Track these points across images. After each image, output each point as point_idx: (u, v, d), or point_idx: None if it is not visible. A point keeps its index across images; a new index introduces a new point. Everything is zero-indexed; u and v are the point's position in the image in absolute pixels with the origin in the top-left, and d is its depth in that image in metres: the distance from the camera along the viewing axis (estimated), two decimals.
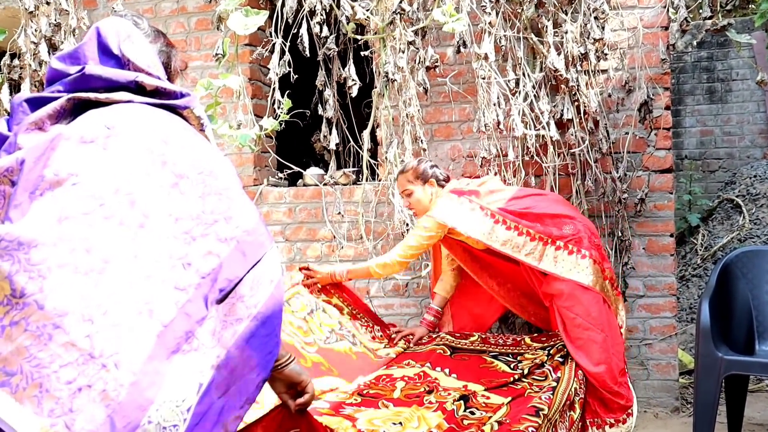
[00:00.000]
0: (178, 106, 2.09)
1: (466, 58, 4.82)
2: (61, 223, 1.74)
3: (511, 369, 3.90)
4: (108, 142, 1.87)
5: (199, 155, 1.98)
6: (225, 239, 1.91)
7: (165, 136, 1.94)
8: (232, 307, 1.89)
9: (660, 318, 4.73)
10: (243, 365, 1.89)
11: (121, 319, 1.73)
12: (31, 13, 5.18)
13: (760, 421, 4.48)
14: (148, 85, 2.05)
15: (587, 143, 4.58)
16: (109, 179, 1.82)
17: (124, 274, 1.76)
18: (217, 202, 1.93)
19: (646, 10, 4.69)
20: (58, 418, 1.64)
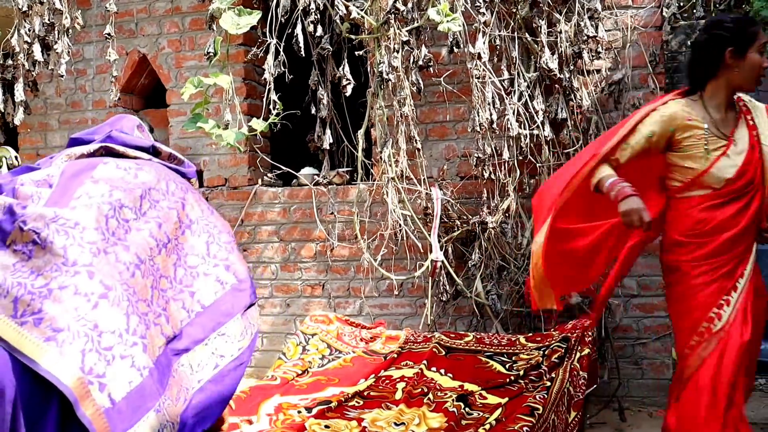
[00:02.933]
0: (187, 173, 2.43)
1: (460, 58, 4.79)
2: (107, 219, 2.03)
3: (506, 369, 3.90)
4: (139, 173, 2.18)
5: (206, 211, 2.30)
6: (222, 282, 2.20)
7: (182, 186, 2.26)
8: (225, 344, 2.18)
9: (654, 317, 4.72)
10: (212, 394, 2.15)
11: (147, 312, 2.00)
12: (25, 12, 5.14)
13: (754, 419, 4.46)
14: (163, 151, 2.39)
15: (581, 143, 4.56)
16: (143, 199, 2.13)
17: (150, 278, 2.05)
18: (219, 250, 2.22)
19: (640, 10, 4.67)
20: (95, 378, 1.83)
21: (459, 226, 4.80)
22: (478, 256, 4.70)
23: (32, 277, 1.89)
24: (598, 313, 4.18)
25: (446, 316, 5.01)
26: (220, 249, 2.21)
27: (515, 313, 4.76)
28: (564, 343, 3.91)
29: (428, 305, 4.89)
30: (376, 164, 5.07)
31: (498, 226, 4.65)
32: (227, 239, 2.26)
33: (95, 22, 5.88)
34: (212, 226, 2.25)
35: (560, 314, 4.67)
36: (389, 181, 4.84)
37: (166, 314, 2.05)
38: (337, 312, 5.10)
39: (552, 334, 4.10)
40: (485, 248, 4.71)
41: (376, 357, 4.27)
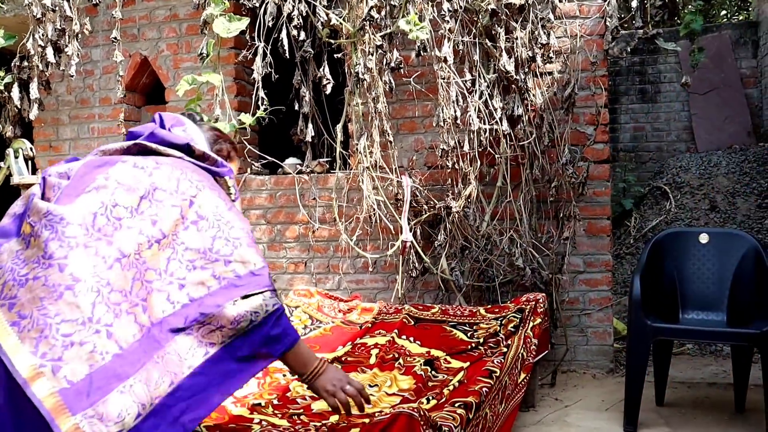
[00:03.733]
0: (217, 172, 2.35)
1: (428, 61, 4.80)
2: (95, 216, 1.96)
3: (468, 337, 3.92)
4: (154, 171, 2.11)
5: (222, 208, 2.17)
6: (218, 277, 2.06)
7: (200, 185, 2.16)
8: (211, 333, 2.03)
9: (598, 291, 4.75)
10: (209, 382, 2.01)
11: (121, 302, 1.90)
12: (39, 19, 5.11)
13: (681, 379, 4.53)
14: (196, 150, 2.31)
15: (534, 136, 4.58)
16: (143, 199, 2.05)
17: (133, 270, 1.95)
18: (224, 246, 2.10)
19: (587, 20, 4.69)
20: (48, 362, 1.77)
21: (426, 211, 4.80)
22: (443, 237, 4.72)
23: (21, 265, 1.90)
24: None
25: (415, 290, 5.03)
26: (226, 244, 2.10)
27: (476, 287, 4.78)
28: (519, 314, 3.94)
29: (399, 280, 4.90)
30: (353, 155, 5.08)
31: (461, 211, 4.67)
32: (238, 234, 2.14)
33: (101, 27, 5.85)
34: (224, 222, 2.13)
35: (515, 289, 4.71)
36: (364, 170, 4.84)
37: (144, 304, 1.96)
38: (318, 287, 5.10)
39: (508, 306, 4.12)
40: (450, 230, 4.72)
41: (353, 326, 4.27)
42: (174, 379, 1.94)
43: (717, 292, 4.00)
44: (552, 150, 4.65)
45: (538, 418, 3.91)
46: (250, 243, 2.16)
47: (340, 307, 4.51)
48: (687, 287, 4.06)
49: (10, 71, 5.38)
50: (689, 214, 6.96)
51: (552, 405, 4.14)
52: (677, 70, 8.30)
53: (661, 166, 7.92)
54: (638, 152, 8.46)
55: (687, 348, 5.22)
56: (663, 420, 3.84)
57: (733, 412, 3.92)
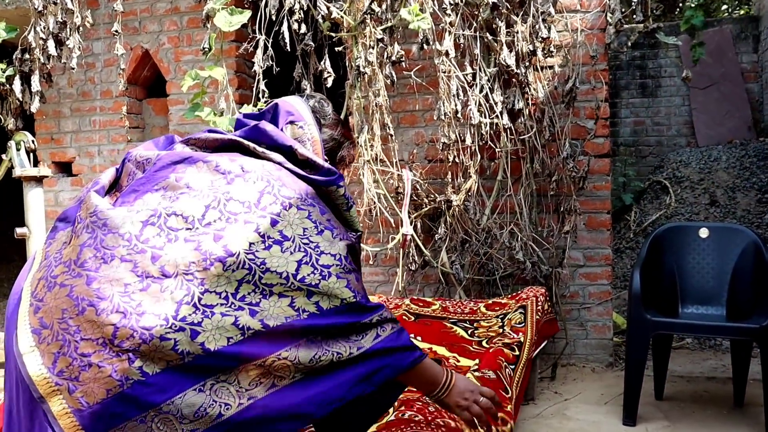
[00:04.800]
0: (320, 182, 2.01)
1: (428, 54, 4.78)
2: (144, 225, 1.76)
3: (468, 335, 3.91)
4: (236, 179, 1.87)
5: (311, 229, 1.86)
6: (298, 309, 1.77)
7: (288, 202, 1.87)
8: (282, 367, 1.75)
9: (597, 285, 4.75)
10: (269, 418, 1.75)
11: (153, 326, 1.66)
12: (40, 12, 5.10)
13: (681, 373, 4.52)
14: (300, 155, 2.02)
15: (535, 131, 4.58)
16: (210, 211, 1.80)
17: (176, 292, 1.70)
18: (310, 273, 1.79)
19: (587, 14, 4.68)
20: (64, 380, 1.64)
21: (427, 204, 4.80)
22: (444, 231, 4.71)
23: (56, 263, 1.79)
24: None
25: (415, 283, 5.03)
26: (313, 273, 1.77)
27: (476, 281, 4.78)
28: (522, 311, 3.93)
29: (399, 274, 4.90)
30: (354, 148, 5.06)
31: (461, 204, 4.66)
32: (329, 262, 1.82)
33: (103, 20, 5.85)
34: (312, 247, 1.82)
35: (515, 282, 4.71)
36: (365, 163, 4.83)
37: (193, 329, 1.68)
38: None
39: (508, 303, 4.11)
40: (450, 223, 4.72)
41: None
42: (225, 412, 1.69)
43: (716, 286, 4.00)
44: (552, 144, 4.64)
45: (537, 411, 3.92)
46: (341, 273, 1.84)
47: None
48: (687, 281, 4.06)
49: (11, 64, 5.37)
50: (689, 208, 6.96)
51: (551, 398, 4.14)
52: (678, 65, 8.29)
53: (662, 160, 7.91)
54: (638, 146, 8.46)
55: (686, 342, 5.22)
56: (662, 414, 3.84)
57: (732, 407, 3.92)
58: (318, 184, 2.01)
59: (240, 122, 2.15)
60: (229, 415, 1.69)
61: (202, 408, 1.67)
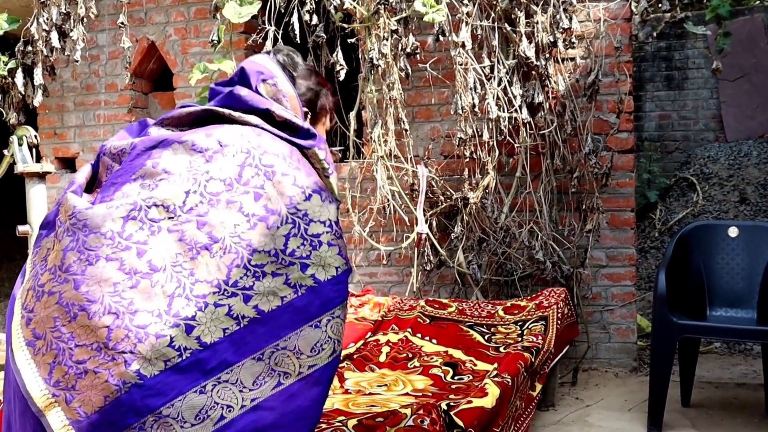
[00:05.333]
0: (302, 145, 2.00)
1: (444, 46, 4.76)
2: (126, 221, 1.74)
3: (485, 340, 3.89)
4: (215, 156, 1.84)
5: (299, 197, 1.84)
6: (294, 285, 1.76)
7: (270, 170, 1.85)
8: (284, 359, 1.73)
9: (621, 286, 4.71)
10: (276, 421, 1.73)
11: (148, 324, 1.66)
12: (43, 2, 5.12)
13: (709, 379, 4.49)
14: (278, 116, 1.99)
15: (556, 125, 4.54)
16: (191, 196, 1.78)
17: (167, 285, 1.70)
18: (300, 245, 1.78)
19: (611, 3, 4.64)
20: (61, 391, 1.64)
21: (443, 201, 4.78)
22: (460, 229, 4.69)
23: (42, 271, 1.79)
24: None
25: (430, 284, 5.01)
26: (303, 244, 1.76)
27: (494, 281, 4.75)
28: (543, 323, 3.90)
29: (414, 274, 4.88)
30: (367, 144, 5.05)
31: (478, 202, 4.64)
32: (317, 230, 1.80)
33: (107, 11, 5.85)
34: (300, 216, 1.80)
35: (535, 283, 4.68)
36: (378, 159, 4.81)
37: (189, 323, 1.68)
38: None
39: (527, 306, 4.09)
40: (467, 222, 4.70)
41: (366, 323, 4.25)
42: (227, 414, 1.68)
43: (746, 288, 3.96)
44: (574, 139, 4.61)
45: (558, 418, 3.89)
46: (333, 240, 1.83)
47: (351, 302, 4.49)
48: (715, 283, 4.02)
49: (13, 56, 5.39)
50: (717, 206, 6.90)
51: (572, 404, 4.11)
52: (706, 56, 8.21)
53: (688, 156, 7.85)
54: (664, 141, 8.38)
55: (714, 346, 5.17)
56: (689, 421, 3.81)
57: (764, 415, 3.88)
58: (299, 147, 2.00)
59: (213, 91, 2.12)
60: (232, 418, 1.67)
61: (203, 410, 1.65)
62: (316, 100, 2.22)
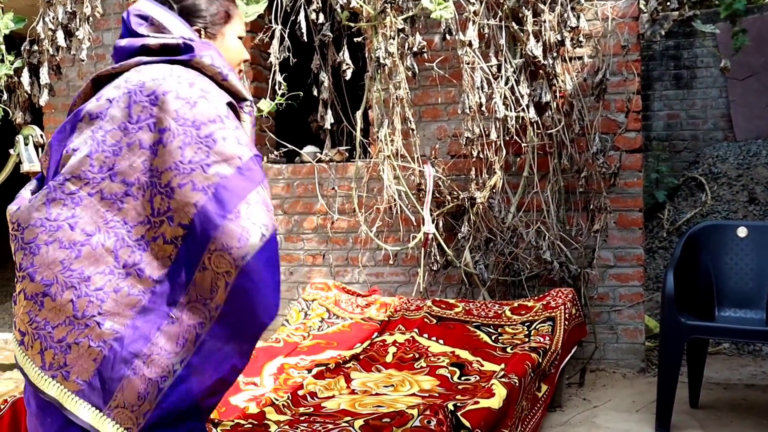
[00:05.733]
0: (183, 60, 1.93)
1: (451, 45, 4.76)
2: (47, 205, 1.80)
3: (492, 341, 3.89)
4: (107, 112, 1.85)
5: (186, 107, 1.81)
6: (202, 188, 1.75)
7: (154, 94, 1.82)
8: (220, 260, 1.74)
9: (629, 287, 4.71)
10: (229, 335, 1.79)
11: (104, 284, 1.76)
12: (49, 2, 5.14)
13: (717, 380, 4.48)
14: (153, 46, 1.95)
15: (563, 124, 4.54)
16: (95, 156, 1.80)
17: (111, 239, 1.78)
18: (196, 151, 1.77)
19: (618, 1, 4.63)
20: (57, 371, 1.75)
21: (449, 201, 4.78)
22: (467, 229, 4.69)
23: (16, 278, 1.88)
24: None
25: (437, 284, 5.01)
26: (199, 148, 1.78)
27: (501, 281, 4.75)
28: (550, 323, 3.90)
29: (420, 274, 4.89)
30: (373, 143, 5.06)
31: (485, 202, 4.64)
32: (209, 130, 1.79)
33: (113, 10, 5.87)
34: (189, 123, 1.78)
35: (542, 283, 4.68)
36: (385, 158, 4.82)
37: (136, 269, 1.78)
38: (336, 280, 5.10)
39: (534, 306, 4.08)
40: (473, 222, 4.70)
41: (372, 323, 4.26)
42: (201, 331, 1.77)
43: (756, 288, 3.95)
44: (581, 138, 4.61)
45: (565, 419, 3.88)
46: (227, 133, 1.81)
47: (358, 302, 4.50)
48: (723, 283, 4.01)
49: (19, 55, 5.40)
50: (726, 206, 6.89)
51: (580, 405, 4.11)
52: (715, 54, 8.19)
53: (697, 155, 7.83)
54: (672, 141, 8.36)
55: (723, 347, 5.16)
56: (697, 423, 3.80)
57: None
58: (186, 62, 1.94)
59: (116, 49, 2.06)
60: (207, 331, 1.77)
61: (180, 336, 1.76)
62: (205, 11, 2.12)
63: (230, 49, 2.16)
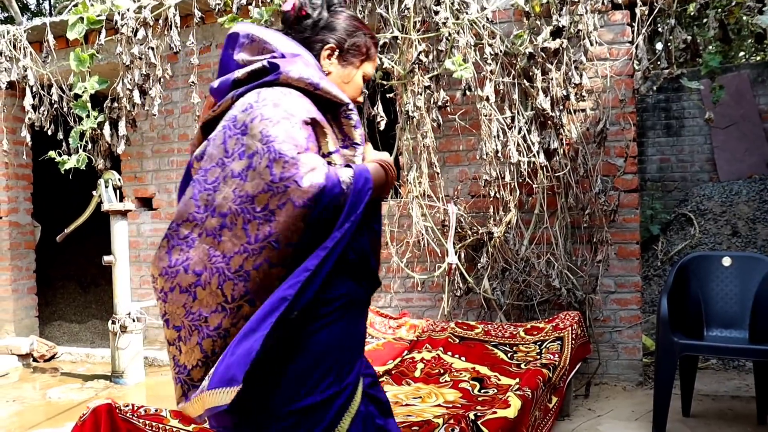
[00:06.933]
0: (269, 81, 1.73)
1: (471, 100, 4.79)
2: (170, 253, 1.66)
3: (508, 358, 3.87)
4: (207, 152, 1.69)
5: (269, 125, 1.62)
6: (303, 203, 1.56)
7: (244, 122, 1.64)
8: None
9: (628, 310, 4.66)
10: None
11: (219, 323, 1.61)
12: (128, 66, 5.25)
13: (706, 392, 4.41)
14: (241, 77, 1.78)
15: (569, 168, 4.53)
16: (198, 197, 1.65)
17: (212, 281, 1.61)
18: (284, 166, 1.57)
19: (616, 62, 4.64)
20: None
21: (470, 236, 4.78)
22: (486, 260, 4.68)
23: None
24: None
25: (459, 308, 4.99)
26: (286, 163, 1.57)
27: (516, 306, 4.73)
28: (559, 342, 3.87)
29: (445, 299, 4.87)
30: (404, 185, 5.07)
31: (502, 236, 4.63)
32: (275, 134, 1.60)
33: (181, 72, 5.95)
34: (271, 138, 1.60)
35: (552, 307, 4.65)
36: (414, 198, 4.83)
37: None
38: (371, 304, 5.09)
39: (545, 327, 4.06)
40: (491, 253, 4.69)
41: (402, 342, 4.25)
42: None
43: (739, 311, 3.91)
44: (585, 180, 4.60)
45: (572, 427, 3.84)
46: (288, 137, 1.60)
47: (390, 324, 4.49)
48: (711, 307, 3.97)
49: (102, 111, 5.50)
50: (712, 238, 6.82)
51: (585, 415, 4.06)
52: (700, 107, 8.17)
53: (686, 194, 7.78)
54: (664, 182, 8.32)
55: (711, 363, 5.09)
56: (689, 430, 3.75)
57: (756, 424, 3.81)
58: (269, 82, 1.75)
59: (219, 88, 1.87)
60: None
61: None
62: (342, 32, 1.92)
63: (355, 85, 1.95)
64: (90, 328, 7.83)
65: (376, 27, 4.73)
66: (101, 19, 5.10)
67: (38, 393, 5.07)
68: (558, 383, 3.61)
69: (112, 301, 5.31)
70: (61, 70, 5.81)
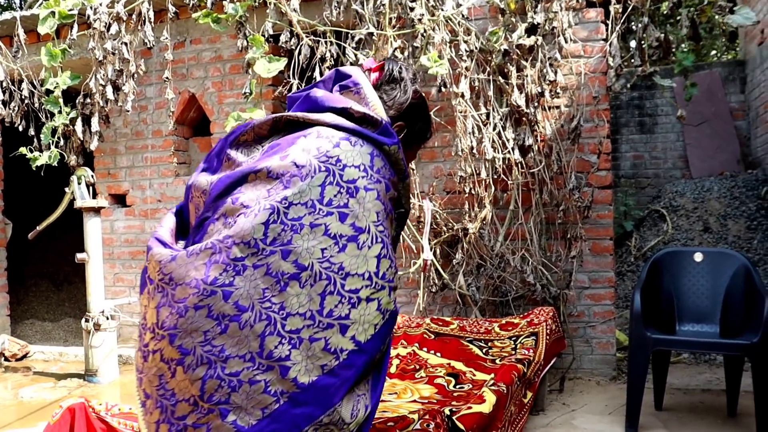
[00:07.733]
0: (381, 140, 1.64)
1: (446, 96, 4.80)
2: (209, 267, 1.47)
3: (483, 354, 3.88)
4: (292, 180, 1.51)
5: (384, 210, 1.54)
6: (384, 311, 1.50)
7: (354, 184, 1.52)
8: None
9: (602, 305, 4.71)
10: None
11: (240, 371, 1.43)
12: (100, 61, 5.19)
13: (678, 386, 4.46)
14: (355, 112, 1.66)
15: (544, 164, 4.56)
16: (271, 227, 1.48)
17: (256, 325, 1.44)
18: (389, 267, 1.50)
19: (590, 59, 4.68)
20: (215, 405, 1.43)
21: (445, 232, 4.79)
22: (461, 256, 4.70)
23: (147, 330, 1.60)
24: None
25: (435, 304, 5.01)
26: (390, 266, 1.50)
27: (491, 301, 4.75)
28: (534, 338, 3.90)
29: (420, 295, 4.88)
30: None
31: (477, 232, 4.65)
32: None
33: (155, 68, 5.92)
34: (386, 234, 1.51)
35: (527, 303, 4.68)
36: None
37: (282, 364, 1.44)
38: None
39: (519, 323, 4.08)
40: (466, 249, 4.70)
41: None
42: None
43: (710, 306, 3.95)
44: (560, 177, 4.63)
45: (547, 421, 3.87)
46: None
47: None
48: (683, 302, 4.01)
49: (74, 107, 5.45)
50: (684, 234, 6.89)
51: (560, 409, 4.10)
52: (672, 104, 8.25)
53: (659, 191, 7.86)
54: (638, 178, 8.41)
55: (683, 357, 5.15)
56: (661, 423, 3.79)
57: (726, 416, 3.86)
58: (380, 143, 1.64)
59: (291, 99, 1.84)
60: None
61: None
62: (416, 121, 1.93)
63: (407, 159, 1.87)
64: (63, 327, 7.76)
65: (351, 23, 4.73)
66: (73, 14, 5.05)
67: (10, 393, 5.02)
68: (533, 378, 3.63)
69: (85, 299, 5.26)
70: (33, 65, 5.75)
